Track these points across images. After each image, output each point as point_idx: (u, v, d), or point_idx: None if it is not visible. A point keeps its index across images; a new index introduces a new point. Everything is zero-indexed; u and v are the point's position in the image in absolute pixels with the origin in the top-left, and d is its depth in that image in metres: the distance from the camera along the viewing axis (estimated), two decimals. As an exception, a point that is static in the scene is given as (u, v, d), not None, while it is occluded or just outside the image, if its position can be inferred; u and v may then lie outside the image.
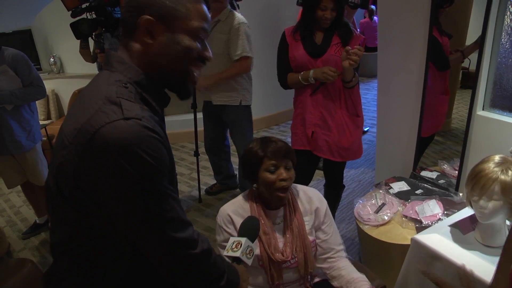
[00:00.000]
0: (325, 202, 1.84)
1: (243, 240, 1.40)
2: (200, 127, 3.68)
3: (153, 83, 1.10)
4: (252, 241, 1.44)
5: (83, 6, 2.92)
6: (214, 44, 3.09)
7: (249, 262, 1.39)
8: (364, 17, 7.76)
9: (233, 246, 1.40)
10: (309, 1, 2.37)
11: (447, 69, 2.63)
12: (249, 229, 1.48)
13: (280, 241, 1.70)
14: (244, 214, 1.70)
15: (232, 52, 3.15)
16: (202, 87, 3.22)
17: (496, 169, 1.49)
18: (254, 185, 1.73)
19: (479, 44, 2.16)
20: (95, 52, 3.18)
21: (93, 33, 2.99)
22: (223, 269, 1.21)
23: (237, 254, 1.37)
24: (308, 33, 2.43)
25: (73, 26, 2.88)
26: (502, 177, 1.47)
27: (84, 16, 2.96)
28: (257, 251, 1.65)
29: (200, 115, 3.63)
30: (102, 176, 0.97)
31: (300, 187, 1.85)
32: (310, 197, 1.81)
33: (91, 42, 3.22)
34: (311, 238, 1.73)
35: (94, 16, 3.00)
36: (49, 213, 1.19)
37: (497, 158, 1.53)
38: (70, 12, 2.94)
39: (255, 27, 5.05)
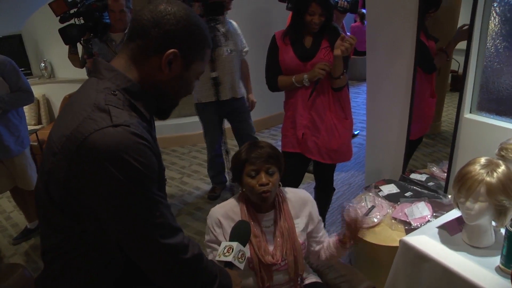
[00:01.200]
0: (315, 203, 1.86)
1: (235, 244, 1.41)
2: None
3: (144, 93, 1.11)
4: (244, 245, 1.45)
5: (72, 11, 2.91)
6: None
7: (241, 266, 1.40)
8: (355, 21, 7.79)
9: (225, 251, 1.40)
10: (298, 6, 2.40)
11: (433, 71, 2.67)
12: (240, 233, 1.49)
13: (271, 244, 1.72)
14: (234, 217, 1.71)
15: (241, 49, 3.53)
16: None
17: (482, 171, 1.51)
18: (243, 188, 1.74)
19: (456, 40, 2.21)
20: (84, 58, 3.18)
21: (82, 39, 2.99)
22: (215, 273, 1.22)
23: (229, 258, 1.38)
24: (298, 37, 2.45)
25: (61, 31, 2.88)
26: (488, 179, 1.49)
27: (72, 21, 2.96)
28: (247, 253, 1.65)
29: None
30: (92, 182, 0.98)
31: (290, 190, 1.86)
32: (301, 199, 1.83)
33: (79, 48, 3.21)
34: (301, 240, 1.74)
35: (82, 21, 3.00)
36: (39, 219, 1.19)
37: (483, 160, 1.56)
38: (59, 17, 2.94)
39: (246, 31, 5.06)
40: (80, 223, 1.08)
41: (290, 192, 1.84)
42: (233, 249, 1.40)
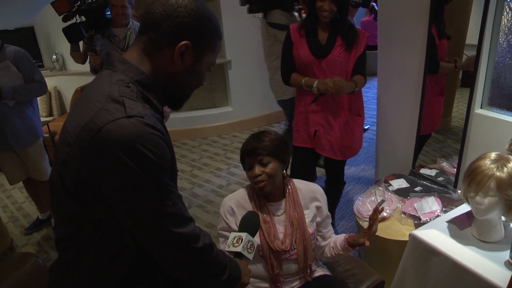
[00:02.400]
0: (325, 197, 1.88)
1: (244, 235, 1.43)
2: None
3: (156, 85, 1.12)
4: (253, 236, 1.46)
5: (73, 9, 2.96)
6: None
7: (250, 256, 1.41)
8: (366, 15, 7.74)
9: (234, 242, 1.42)
10: None
11: (434, 72, 2.64)
12: (249, 224, 1.50)
13: (280, 233, 1.75)
14: (246, 205, 1.76)
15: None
16: None
17: (492, 166, 1.52)
18: None
19: (463, 67, 2.20)
20: (86, 54, 3.21)
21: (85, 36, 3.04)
22: (225, 263, 1.24)
23: (238, 249, 1.39)
24: (312, 28, 2.43)
25: (65, 30, 2.92)
26: (498, 173, 1.50)
27: (74, 19, 3.01)
28: (257, 240, 1.68)
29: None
30: (106, 172, 1.00)
31: (302, 182, 1.89)
32: (312, 191, 1.85)
33: (81, 45, 3.26)
34: (310, 230, 1.77)
35: (83, 19, 3.03)
36: (53, 209, 1.21)
37: (493, 155, 1.56)
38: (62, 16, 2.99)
39: (259, 27, 5.10)
40: (94, 213, 1.10)
41: (302, 184, 1.87)
42: (242, 239, 1.42)
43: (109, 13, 3.13)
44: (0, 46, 2.93)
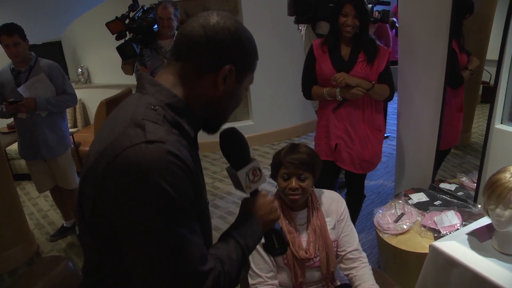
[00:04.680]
0: (343, 201, 1.93)
1: (254, 164, 1.19)
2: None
3: (190, 109, 1.04)
4: (245, 164, 1.18)
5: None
6: None
7: (258, 184, 1.20)
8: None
9: (252, 178, 1.19)
10: (333, 8, 2.46)
11: (458, 86, 2.68)
12: (245, 148, 1.21)
13: (304, 241, 1.80)
14: None
15: None
16: None
17: (512, 179, 1.56)
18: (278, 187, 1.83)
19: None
20: (133, 65, 3.38)
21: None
22: (239, 255, 1.08)
23: (260, 183, 1.20)
24: (335, 43, 2.49)
25: (119, 49, 3.06)
26: (518, 186, 1.53)
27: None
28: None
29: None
30: (117, 203, 0.92)
31: (321, 190, 1.95)
32: (330, 199, 1.91)
33: None
34: (332, 238, 1.82)
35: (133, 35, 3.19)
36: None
37: (513, 168, 1.60)
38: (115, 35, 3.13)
39: (281, 42, 5.18)
40: (105, 249, 1.02)
41: (322, 193, 1.93)
42: (258, 169, 1.19)
43: (155, 26, 3.27)
44: (35, 60, 3.08)
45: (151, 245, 0.91)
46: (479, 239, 1.80)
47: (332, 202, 1.90)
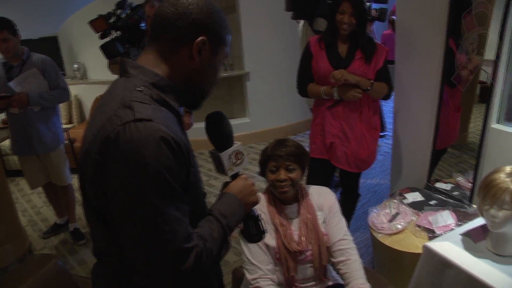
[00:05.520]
0: (334, 197, 1.93)
1: (238, 147, 1.25)
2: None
3: (173, 86, 1.10)
4: (229, 147, 1.23)
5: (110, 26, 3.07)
6: None
7: (240, 167, 1.26)
8: (389, 29, 7.71)
9: (235, 161, 1.24)
10: (331, 6, 2.44)
11: (455, 86, 2.65)
12: (223, 135, 1.25)
13: (295, 234, 1.80)
14: (263, 210, 1.81)
15: None
16: None
17: (507, 179, 1.54)
18: (268, 182, 1.84)
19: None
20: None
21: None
22: (219, 236, 1.11)
23: (242, 166, 1.26)
24: (332, 40, 2.48)
25: (103, 47, 3.02)
26: (512, 187, 1.51)
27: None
28: (274, 243, 1.75)
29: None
30: (109, 177, 0.98)
31: (311, 186, 1.96)
32: (322, 193, 1.92)
33: None
34: (324, 231, 1.83)
35: (119, 33, 3.13)
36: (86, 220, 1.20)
37: (508, 168, 1.58)
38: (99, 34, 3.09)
39: (278, 39, 5.17)
40: (110, 230, 1.06)
41: (312, 188, 1.94)
42: (241, 152, 1.25)
43: (143, 25, 3.22)
44: (27, 54, 3.04)
45: (136, 219, 0.96)
46: (474, 240, 1.79)
47: (322, 196, 1.90)
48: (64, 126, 5.12)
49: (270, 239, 1.77)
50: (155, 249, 0.97)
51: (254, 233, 1.28)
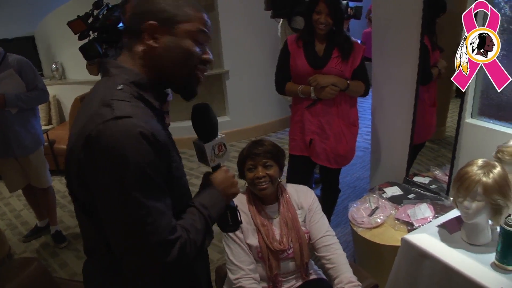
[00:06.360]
0: (314, 195, 1.98)
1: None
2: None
3: (152, 83, 1.13)
4: (213, 138, 1.28)
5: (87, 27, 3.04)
6: None
7: (223, 159, 1.30)
8: (368, 27, 7.79)
9: (217, 152, 1.29)
10: (307, 5, 2.46)
11: (428, 82, 2.72)
12: (207, 127, 1.29)
13: (277, 233, 1.83)
14: (244, 210, 1.83)
15: None
16: None
17: (479, 171, 1.59)
18: (247, 182, 1.88)
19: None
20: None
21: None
22: (202, 226, 1.15)
23: (224, 158, 1.30)
24: (310, 39, 2.50)
25: (82, 49, 3.00)
26: (484, 179, 1.57)
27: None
28: (256, 242, 1.79)
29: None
30: (91, 174, 1.01)
31: (291, 185, 2.00)
32: (301, 192, 1.96)
33: None
34: (304, 229, 1.87)
35: (97, 34, 3.11)
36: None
37: (480, 161, 1.63)
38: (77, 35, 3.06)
39: (257, 38, 5.17)
40: (98, 226, 1.08)
41: (291, 187, 1.98)
42: (223, 144, 1.30)
43: (121, 25, 3.20)
44: (3, 55, 2.99)
45: (119, 212, 0.99)
46: (449, 231, 1.84)
47: (301, 195, 1.94)
48: (44, 127, 5.06)
49: (252, 239, 1.80)
50: (139, 241, 1.00)
51: (230, 223, 1.32)
